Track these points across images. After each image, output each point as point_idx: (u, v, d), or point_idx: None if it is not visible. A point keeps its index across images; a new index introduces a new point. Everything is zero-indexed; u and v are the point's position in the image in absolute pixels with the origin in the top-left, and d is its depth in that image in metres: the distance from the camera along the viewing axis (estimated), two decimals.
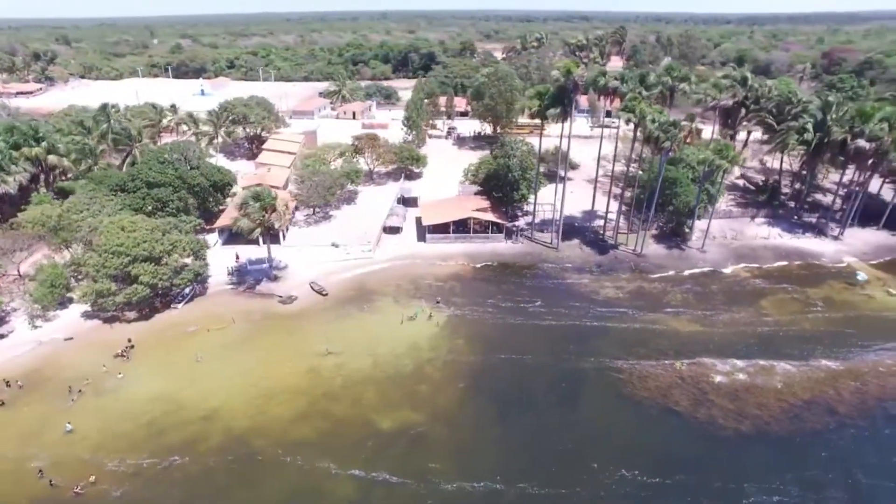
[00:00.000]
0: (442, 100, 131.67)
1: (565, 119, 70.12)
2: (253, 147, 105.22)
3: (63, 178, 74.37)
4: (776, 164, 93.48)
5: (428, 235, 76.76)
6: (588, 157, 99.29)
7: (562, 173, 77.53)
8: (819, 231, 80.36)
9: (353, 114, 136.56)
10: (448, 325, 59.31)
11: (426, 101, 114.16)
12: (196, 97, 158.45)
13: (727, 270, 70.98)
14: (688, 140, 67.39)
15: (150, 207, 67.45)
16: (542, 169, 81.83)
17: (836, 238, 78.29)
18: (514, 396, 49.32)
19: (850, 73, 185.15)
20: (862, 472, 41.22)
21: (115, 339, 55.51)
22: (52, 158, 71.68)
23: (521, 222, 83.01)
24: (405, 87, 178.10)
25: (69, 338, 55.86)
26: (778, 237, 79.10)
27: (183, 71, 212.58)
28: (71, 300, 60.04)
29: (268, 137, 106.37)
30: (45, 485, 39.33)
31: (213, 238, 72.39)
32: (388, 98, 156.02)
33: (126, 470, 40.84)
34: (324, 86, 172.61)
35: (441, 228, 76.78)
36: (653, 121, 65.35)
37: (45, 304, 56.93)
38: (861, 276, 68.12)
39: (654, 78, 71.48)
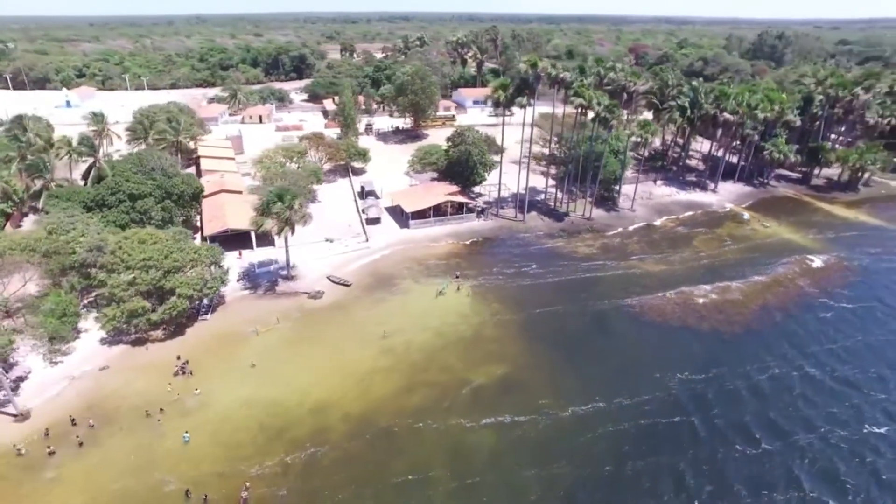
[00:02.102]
0: (360, 98, 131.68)
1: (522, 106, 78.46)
2: (179, 156, 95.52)
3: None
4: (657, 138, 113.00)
5: (411, 221, 79.69)
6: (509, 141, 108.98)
7: (524, 159, 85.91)
8: (700, 186, 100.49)
9: (260, 117, 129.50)
10: (476, 294, 64.12)
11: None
12: (61, 109, 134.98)
13: (657, 223, 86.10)
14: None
15: (134, 221, 60.45)
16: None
17: (713, 191, 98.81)
18: (565, 338, 56.43)
19: (652, 64, 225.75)
20: (816, 344, 56.37)
21: (157, 360, 50.48)
22: None
23: (479, 202, 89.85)
24: (291, 89, 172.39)
25: (104, 367, 49.29)
26: (676, 194, 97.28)
27: (20, 81, 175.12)
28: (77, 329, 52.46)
29: (194, 146, 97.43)
30: (199, 500, 36.69)
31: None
32: (282, 101, 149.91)
33: (273, 471, 39.48)
34: (199, 92, 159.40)
35: (421, 214, 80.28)
36: (598, 104, 76.75)
37: (62, 337, 49.15)
38: (745, 215, 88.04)
39: (588, 69, 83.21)
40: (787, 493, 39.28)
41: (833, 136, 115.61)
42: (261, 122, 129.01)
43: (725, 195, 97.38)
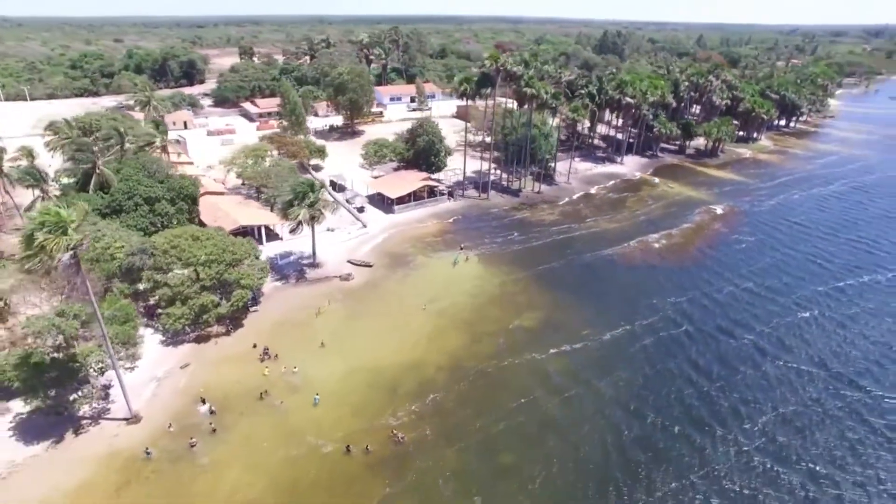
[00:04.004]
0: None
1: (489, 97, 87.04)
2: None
3: None
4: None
5: (395, 207, 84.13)
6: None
7: (489, 140, 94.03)
8: (610, 160, 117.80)
9: (185, 123, 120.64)
10: (484, 261, 71.62)
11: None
12: None
13: (593, 191, 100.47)
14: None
15: (153, 225, 57.76)
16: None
17: (621, 164, 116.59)
18: (572, 285, 66.57)
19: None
20: (743, 267, 73.41)
21: (231, 352, 50.64)
22: None
23: (442, 186, 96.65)
24: (199, 94, 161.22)
25: (185, 364, 48.32)
26: (594, 168, 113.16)
27: None
28: None
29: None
30: (361, 452, 40.00)
31: None
32: (194, 106, 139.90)
33: (409, 419, 43.71)
34: (87, 102, 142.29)
35: (402, 200, 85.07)
36: (546, 92, 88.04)
37: (133, 343, 47.01)
38: (656, 180, 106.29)
39: (531, 64, 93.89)
40: (757, 359, 53.35)
41: (688, 116, 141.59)
42: (185, 127, 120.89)
43: (632, 166, 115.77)
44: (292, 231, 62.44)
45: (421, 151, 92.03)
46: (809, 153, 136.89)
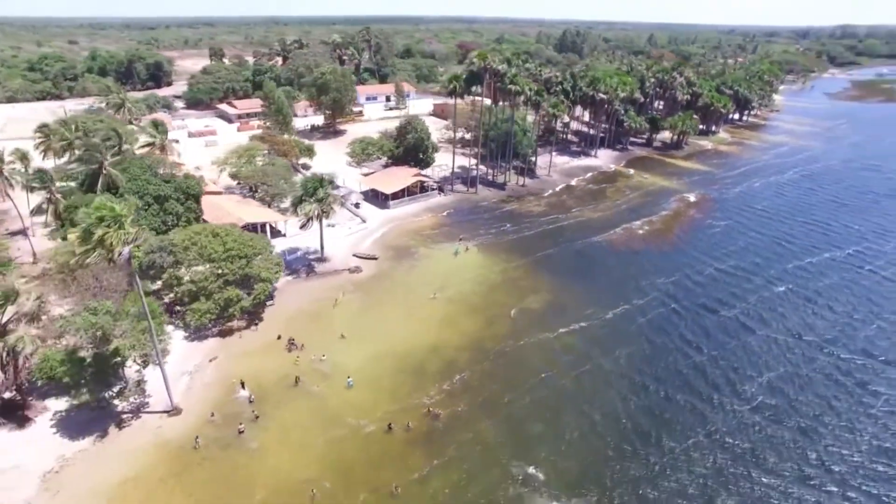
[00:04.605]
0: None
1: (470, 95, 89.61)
2: None
3: None
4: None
5: (390, 202, 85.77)
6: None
7: (468, 136, 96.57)
8: (585, 154, 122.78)
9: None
10: (483, 251, 74.41)
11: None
12: None
13: (573, 183, 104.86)
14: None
15: (165, 224, 57.63)
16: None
17: (595, 157, 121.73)
18: (569, 269, 70.24)
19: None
20: (718, 249, 79.03)
21: (257, 344, 51.59)
22: None
23: (431, 181, 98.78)
24: (170, 96, 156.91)
25: (213, 357, 48.96)
26: (571, 161, 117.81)
27: None
28: None
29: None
30: (402, 429, 42.00)
31: None
32: (168, 108, 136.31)
33: (442, 397, 45.92)
34: (53, 105, 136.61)
35: (396, 195, 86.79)
36: (531, 90, 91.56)
37: (160, 339, 47.24)
38: (631, 171, 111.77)
39: (513, 63, 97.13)
40: (741, 331, 58.07)
41: (651, 111, 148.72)
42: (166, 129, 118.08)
43: (606, 159, 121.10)
44: (303, 226, 63.32)
45: (410, 148, 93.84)
46: (763, 144, 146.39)
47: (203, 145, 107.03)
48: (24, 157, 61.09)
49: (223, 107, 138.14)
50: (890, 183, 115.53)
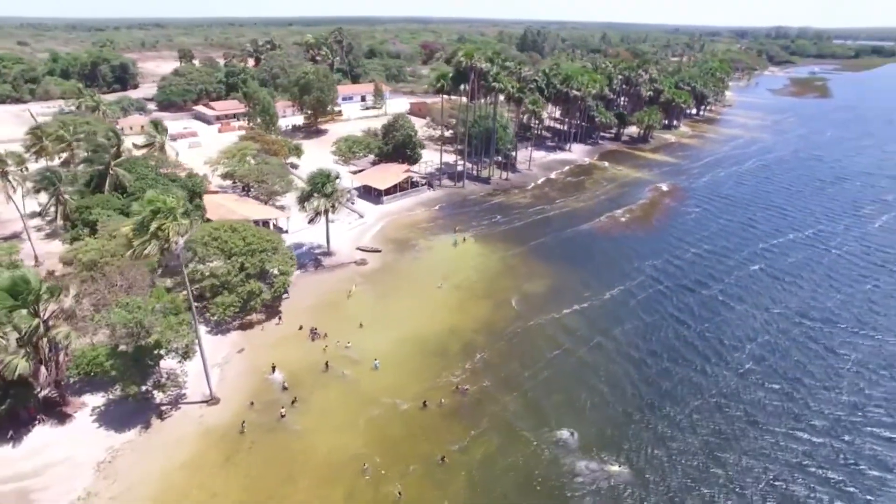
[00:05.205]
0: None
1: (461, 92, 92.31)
2: None
3: None
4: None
5: (384, 198, 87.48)
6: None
7: (447, 133, 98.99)
8: (560, 148, 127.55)
9: (142, 127, 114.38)
10: (481, 240, 77.32)
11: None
12: None
13: (553, 176, 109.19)
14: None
15: None
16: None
17: (570, 151, 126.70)
18: (563, 255, 73.97)
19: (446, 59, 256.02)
20: (694, 234, 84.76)
21: (281, 336, 52.80)
22: None
23: (417, 176, 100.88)
24: (141, 98, 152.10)
25: (241, 349, 49.85)
26: (548, 155, 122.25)
27: None
28: None
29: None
30: (436, 405, 44.36)
31: None
32: (142, 110, 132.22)
33: (467, 375, 48.43)
34: (14, 109, 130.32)
35: (388, 191, 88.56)
36: (513, 87, 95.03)
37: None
38: (605, 164, 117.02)
39: (495, 61, 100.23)
40: (726, 305, 63.40)
41: (617, 107, 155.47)
42: (142, 130, 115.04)
43: (580, 153, 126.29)
44: (311, 221, 64.42)
45: (399, 145, 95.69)
46: (721, 137, 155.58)
47: (187, 147, 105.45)
48: (21, 160, 59.46)
49: (200, 108, 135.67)
50: (833, 171, 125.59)
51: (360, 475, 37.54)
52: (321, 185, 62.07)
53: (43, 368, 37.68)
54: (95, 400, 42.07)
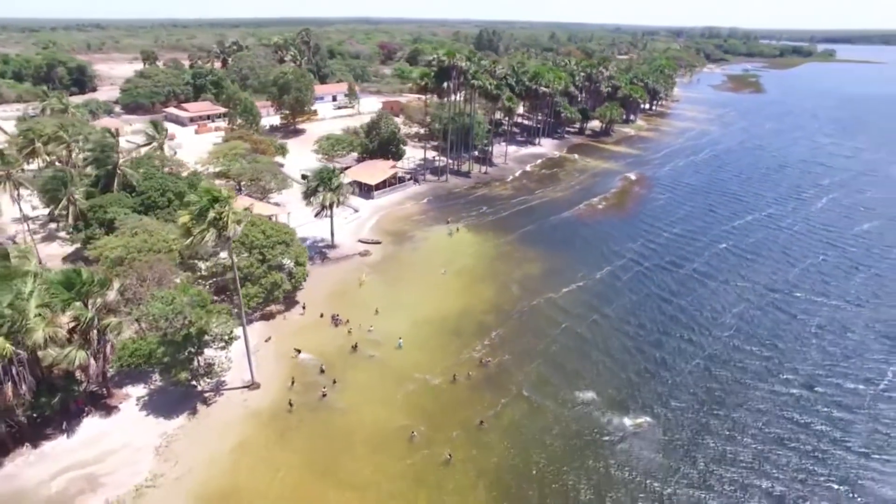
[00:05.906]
0: None
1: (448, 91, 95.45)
2: None
3: None
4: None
5: (374, 193, 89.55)
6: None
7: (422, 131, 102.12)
8: (530, 143, 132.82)
9: (116, 130, 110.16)
10: (472, 230, 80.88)
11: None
12: None
13: (529, 169, 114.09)
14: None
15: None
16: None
17: (540, 145, 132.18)
18: (552, 241, 78.56)
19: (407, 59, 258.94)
20: (667, 217, 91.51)
21: (302, 324, 54.66)
22: None
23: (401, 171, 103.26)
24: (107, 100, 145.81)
25: (268, 338, 51.33)
26: (520, 150, 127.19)
27: None
28: None
29: None
30: (465, 378, 47.57)
31: None
32: (110, 113, 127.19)
33: (485, 351, 51.84)
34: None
35: (378, 186, 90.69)
36: (490, 84, 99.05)
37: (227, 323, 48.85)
38: (576, 156, 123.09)
39: (473, 60, 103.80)
40: (703, 280, 69.84)
41: (579, 103, 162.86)
42: (118, 135, 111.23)
43: (549, 147, 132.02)
44: (317, 215, 66.00)
45: (384, 142, 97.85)
46: (675, 130, 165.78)
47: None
48: (18, 162, 57.98)
49: (172, 110, 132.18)
50: (775, 160, 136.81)
51: (409, 442, 40.33)
52: (328, 180, 63.78)
53: (92, 360, 38.29)
54: (137, 391, 42.85)
